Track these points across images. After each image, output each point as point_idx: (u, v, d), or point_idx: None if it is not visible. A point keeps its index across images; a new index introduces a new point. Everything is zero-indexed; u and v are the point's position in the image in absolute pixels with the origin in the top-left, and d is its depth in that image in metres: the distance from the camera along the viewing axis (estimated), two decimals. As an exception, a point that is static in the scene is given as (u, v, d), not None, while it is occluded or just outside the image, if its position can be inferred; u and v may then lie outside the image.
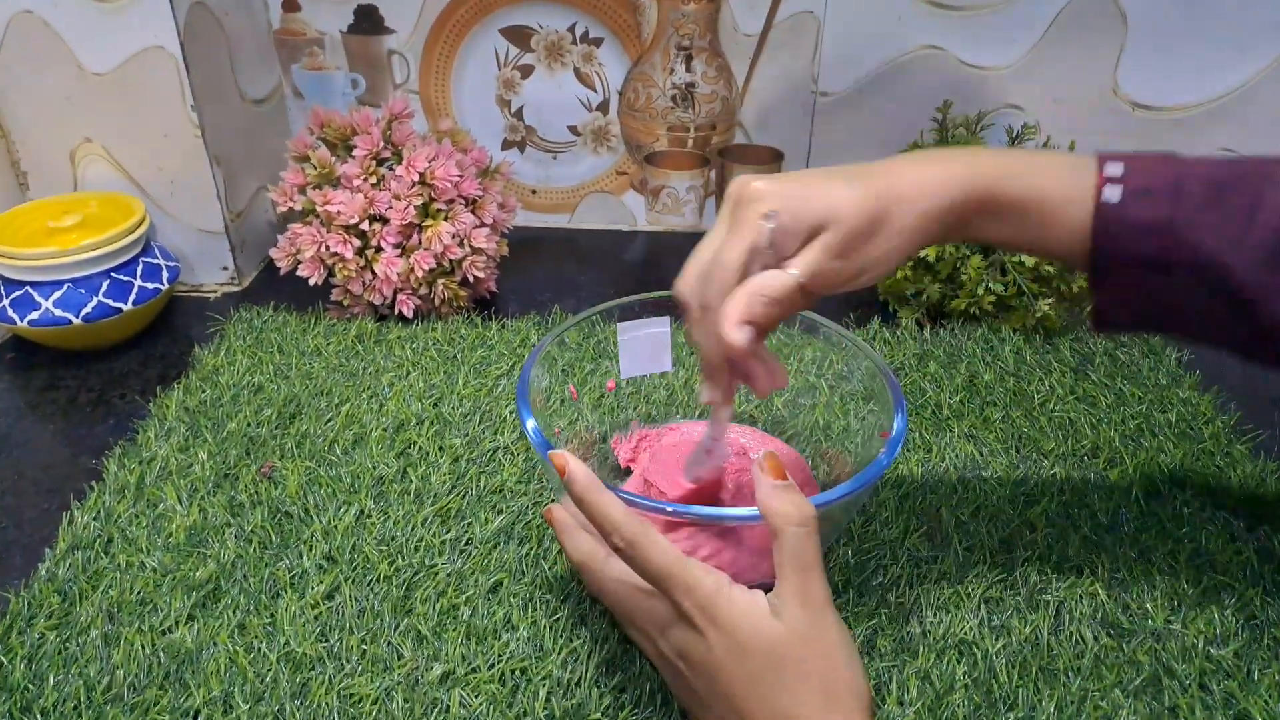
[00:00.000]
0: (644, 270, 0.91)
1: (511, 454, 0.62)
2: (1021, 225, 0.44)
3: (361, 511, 0.57)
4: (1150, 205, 0.41)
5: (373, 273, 0.75)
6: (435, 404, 0.67)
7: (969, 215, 0.44)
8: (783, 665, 0.38)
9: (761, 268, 0.43)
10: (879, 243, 0.43)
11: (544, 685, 0.46)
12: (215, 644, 0.48)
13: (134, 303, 0.72)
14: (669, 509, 0.43)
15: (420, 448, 0.62)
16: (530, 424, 0.48)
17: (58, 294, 0.70)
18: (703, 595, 0.39)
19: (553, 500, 0.57)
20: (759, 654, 0.38)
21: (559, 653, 0.48)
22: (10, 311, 0.70)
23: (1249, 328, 0.42)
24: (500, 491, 0.58)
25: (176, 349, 0.76)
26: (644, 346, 0.59)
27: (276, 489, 0.58)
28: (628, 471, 0.58)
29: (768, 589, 0.40)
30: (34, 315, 0.70)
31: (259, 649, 0.48)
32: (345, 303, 0.78)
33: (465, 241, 0.76)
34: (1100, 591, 0.51)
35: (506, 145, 0.94)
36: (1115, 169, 0.42)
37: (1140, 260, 0.42)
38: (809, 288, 0.43)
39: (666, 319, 0.58)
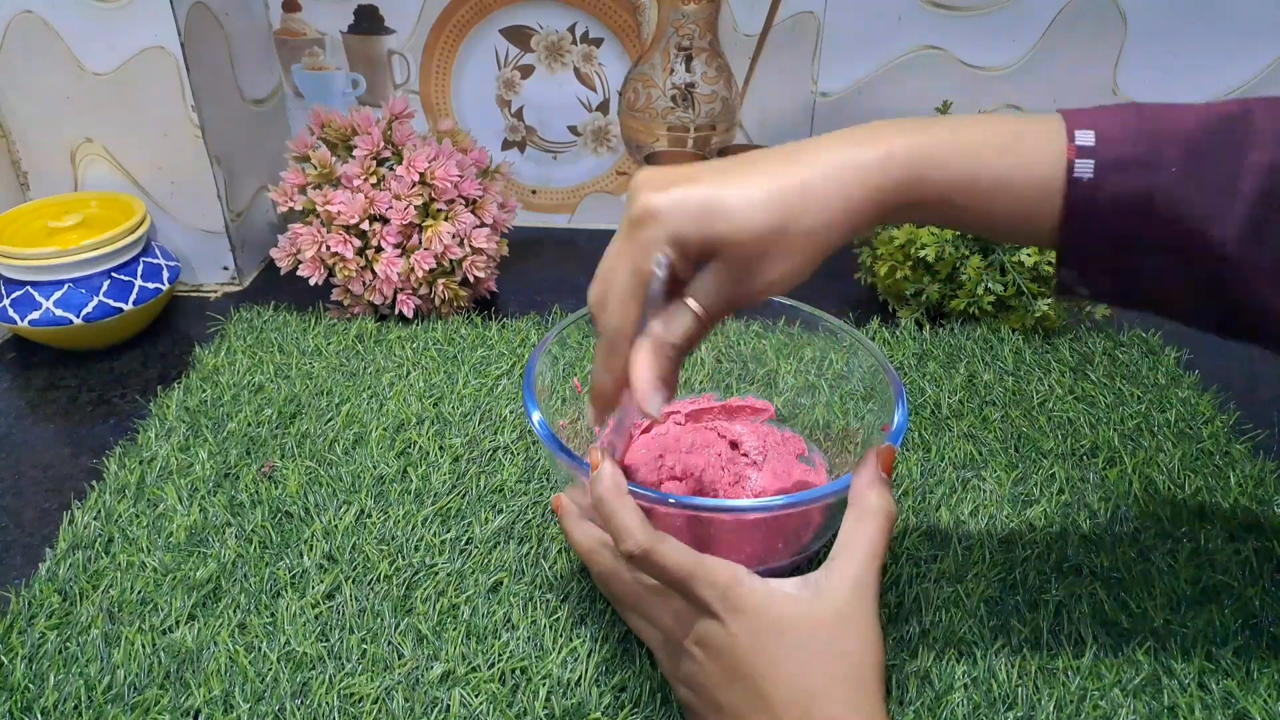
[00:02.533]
0: (644, 270, 0.91)
1: (511, 454, 0.62)
2: (963, 211, 0.40)
3: (362, 511, 0.57)
4: (1126, 179, 0.37)
5: (373, 273, 0.75)
6: (435, 404, 0.67)
7: (893, 208, 0.39)
8: (815, 644, 0.38)
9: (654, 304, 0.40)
10: (779, 262, 0.39)
11: (544, 684, 0.46)
12: (216, 643, 0.48)
13: (134, 303, 0.72)
14: (671, 500, 0.43)
15: (420, 447, 0.62)
16: (536, 416, 0.48)
17: (58, 294, 0.70)
18: (723, 586, 0.39)
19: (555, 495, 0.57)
20: (790, 632, 0.38)
21: (559, 652, 0.48)
22: (10, 311, 0.70)
23: (1227, 303, 0.39)
24: (500, 491, 0.59)
25: (177, 349, 0.76)
26: None
27: (277, 488, 0.58)
28: None
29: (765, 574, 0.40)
30: (34, 315, 0.70)
31: (259, 648, 0.48)
32: (346, 303, 0.78)
33: (465, 241, 0.76)
34: (1100, 591, 0.51)
35: (506, 145, 0.95)
36: (1086, 138, 0.38)
37: (1114, 238, 0.39)
38: (708, 318, 0.40)
39: None
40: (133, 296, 0.72)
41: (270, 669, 0.47)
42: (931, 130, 0.39)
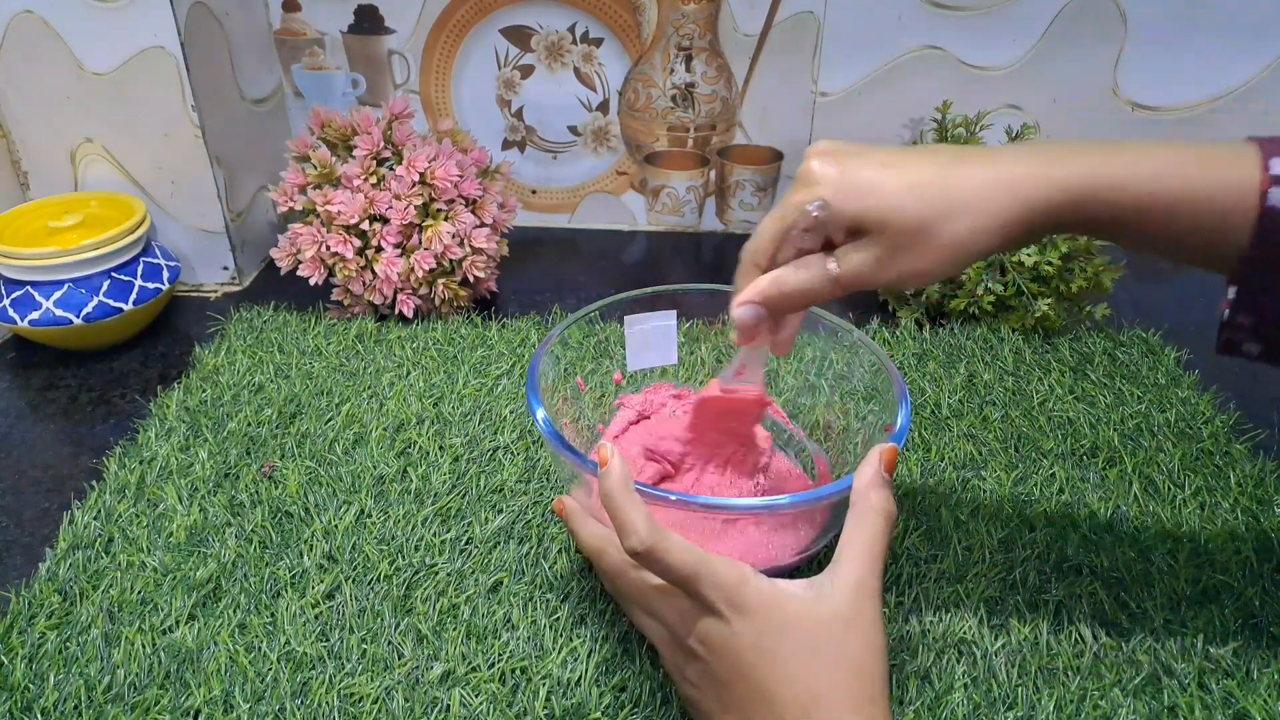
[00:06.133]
0: (644, 270, 0.91)
1: (511, 453, 0.62)
2: (1135, 233, 0.40)
3: (362, 511, 0.57)
4: None
5: (373, 272, 0.75)
6: (435, 404, 0.67)
7: (1056, 225, 0.40)
8: (819, 645, 0.38)
9: (798, 250, 0.44)
10: (924, 256, 0.41)
11: (544, 684, 0.46)
12: (216, 643, 0.48)
13: (134, 302, 0.72)
14: (673, 498, 0.43)
15: (420, 447, 0.62)
16: (540, 414, 0.48)
17: (58, 294, 0.70)
18: (729, 588, 0.39)
19: (556, 498, 0.57)
20: (794, 633, 0.38)
21: (559, 652, 0.48)
22: (11, 311, 0.70)
23: None
24: (500, 491, 0.59)
25: (177, 349, 0.76)
26: (650, 339, 0.59)
27: (277, 488, 0.58)
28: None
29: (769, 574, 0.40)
30: (34, 315, 0.70)
31: (259, 648, 0.48)
32: (346, 302, 0.78)
33: (465, 241, 0.76)
34: (1100, 591, 0.51)
35: (506, 145, 0.95)
36: None
37: None
38: (844, 284, 0.43)
39: (672, 312, 0.59)
40: (133, 296, 0.72)
41: (270, 669, 0.47)
42: (1114, 154, 0.39)
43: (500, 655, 0.47)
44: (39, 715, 0.45)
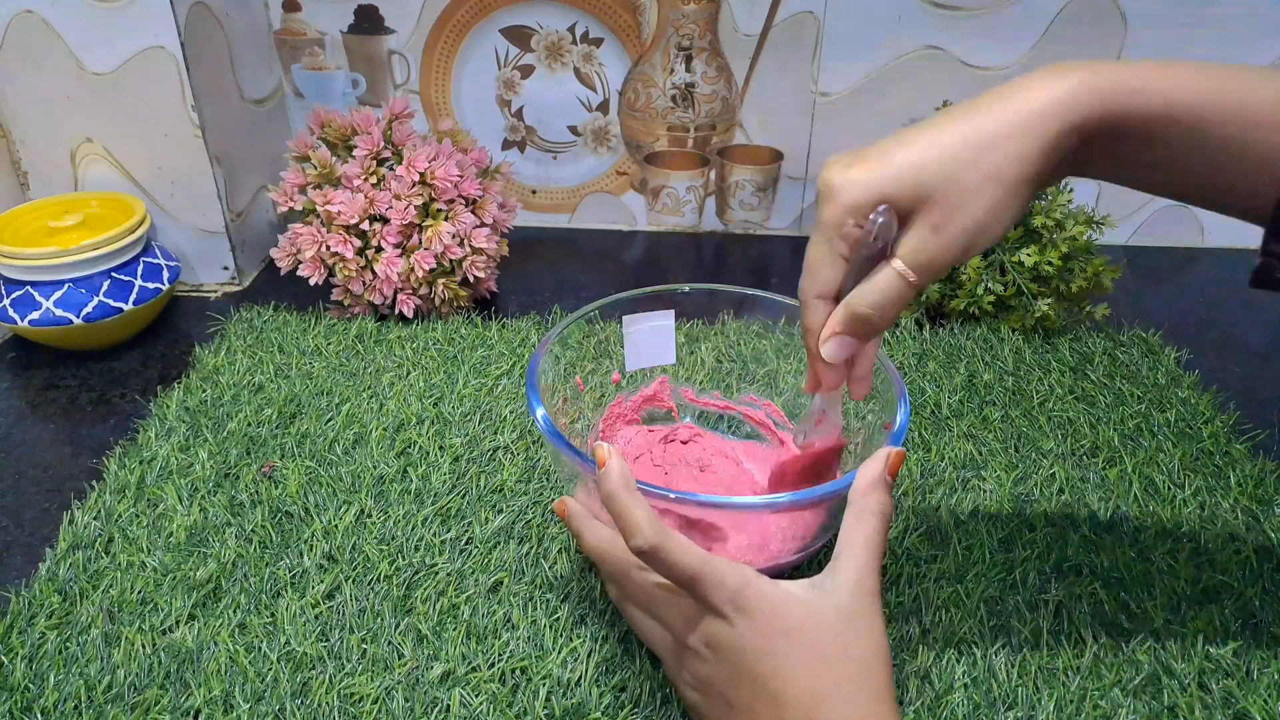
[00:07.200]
0: (644, 270, 0.91)
1: (511, 453, 0.62)
2: (1171, 145, 0.37)
3: (362, 511, 0.57)
4: None
5: (373, 272, 0.75)
6: (435, 403, 0.67)
7: (1092, 146, 0.37)
8: (823, 644, 0.38)
9: (865, 257, 0.41)
10: (970, 205, 0.38)
11: (544, 684, 0.46)
12: (216, 643, 0.48)
13: (134, 302, 0.72)
14: (672, 495, 0.43)
15: (420, 447, 0.62)
16: (540, 412, 0.48)
17: (58, 294, 0.70)
18: (732, 589, 0.39)
19: (556, 498, 0.57)
20: (798, 633, 0.38)
21: (559, 652, 0.48)
22: (11, 311, 0.70)
23: None
24: (500, 491, 0.59)
25: (177, 349, 0.76)
26: (649, 339, 0.59)
27: (277, 488, 0.58)
28: None
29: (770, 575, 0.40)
30: (34, 315, 0.70)
31: (259, 648, 0.48)
32: (346, 302, 0.78)
33: (465, 241, 0.76)
34: (1100, 591, 0.51)
35: (506, 145, 0.95)
36: None
37: None
38: (918, 275, 0.40)
39: (670, 312, 0.59)
40: (133, 296, 0.72)
41: (270, 669, 0.47)
42: (1131, 64, 0.37)
43: (500, 655, 0.47)
44: (39, 715, 0.45)
